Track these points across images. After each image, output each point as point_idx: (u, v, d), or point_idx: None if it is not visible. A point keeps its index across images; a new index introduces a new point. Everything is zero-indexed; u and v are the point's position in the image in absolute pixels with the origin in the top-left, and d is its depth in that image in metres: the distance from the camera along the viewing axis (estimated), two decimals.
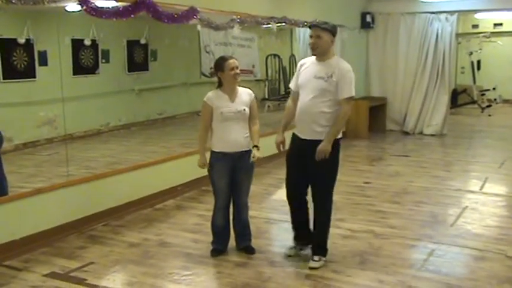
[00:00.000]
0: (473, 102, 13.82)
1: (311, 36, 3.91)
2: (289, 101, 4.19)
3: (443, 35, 9.94)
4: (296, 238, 4.26)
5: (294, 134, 4.08)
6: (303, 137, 3.96)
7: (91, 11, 4.76)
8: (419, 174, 7.09)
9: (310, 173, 3.98)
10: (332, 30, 3.92)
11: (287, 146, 4.18)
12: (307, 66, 4.01)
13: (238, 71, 4.12)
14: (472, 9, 10.45)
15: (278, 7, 7.62)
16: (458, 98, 13.93)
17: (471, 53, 14.08)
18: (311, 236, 4.17)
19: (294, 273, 3.99)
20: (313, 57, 4.02)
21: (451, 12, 9.88)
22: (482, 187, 6.40)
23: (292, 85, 4.17)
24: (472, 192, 6.23)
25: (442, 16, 9.93)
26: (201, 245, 4.47)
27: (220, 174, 4.18)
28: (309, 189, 4.12)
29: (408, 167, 7.54)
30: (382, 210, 5.45)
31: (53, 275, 3.93)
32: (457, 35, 11.33)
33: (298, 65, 4.14)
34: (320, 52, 3.91)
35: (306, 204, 4.18)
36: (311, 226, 4.18)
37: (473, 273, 3.93)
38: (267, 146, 4.49)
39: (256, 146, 4.15)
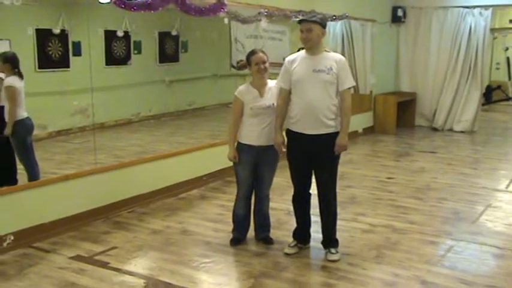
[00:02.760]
0: (508, 99, 13.54)
1: (301, 31, 3.89)
2: (280, 100, 4.08)
3: (476, 29, 9.75)
4: (300, 238, 4.26)
5: (293, 132, 4.01)
6: (310, 133, 3.90)
7: (120, 3, 4.90)
8: (445, 170, 7.04)
9: (319, 167, 4.01)
10: (322, 23, 3.92)
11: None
12: (299, 62, 3.97)
13: (264, 66, 4.14)
14: (508, 3, 10.23)
15: (306, 0, 7.63)
16: (492, 95, 13.67)
17: (507, 49, 13.79)
18: (309, 236, 4.28)
19: (310, 264, 4.07)
20: (302, 53, 4.01)
21: (486, 7, 9.69)
22: (508, 185, 6.32)
23: (282, 83, 4.05)
24: (498, 190, 6.16)
25: (476, 11, 9.75)
26: (222, 234, 4.58)
27: (243, 166, 4.28)
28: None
29: (434, 163, 7.49)
30: (403, 206, 5.45)
31: (78, 258, 4.11)
32: (493, 29, 11.11)
33: (286, 62, 4.05)
34: (312, 45, 3.91)
35: (310, 206, 4.23)
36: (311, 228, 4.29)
37: (490, 270, 3.93)
38: None
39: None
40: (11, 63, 4.93)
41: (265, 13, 6.68)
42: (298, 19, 4.15)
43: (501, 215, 5.19)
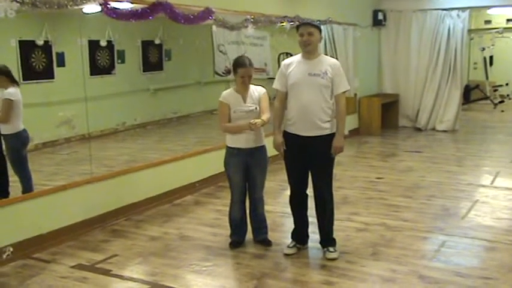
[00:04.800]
0: (486, 98, 13.86)
1: (302, 35, 4.00)
2: (277, 103, 4.17)
3: (455, 31, 10.00)
4: (298, 238, 4.35)
5: (289, 133, 4.11)
6: (305, 134, 4.01)
7: (111, 13, 4.94)
8: (432, 169, 7.21)
9: (314, 168, 4.12)
10: (320, 28, 4.09)
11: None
12: (295, 65, 4.08)
13: (248, 80, 4.25)
14: (484, 5, 10.50)
15: (291, 6, 7.76)
16: (471, 94, 13.97)
17: (484, 49, 14.11)
18: (307, 236, 4.37)
19: (309, 263, 4.16)
20: (298, 57, 4.12)
21: (463, 9, 9.94)
22: (493, 181, 6.50)
23: (278, 86, 4.15)
24: (483, 186, 6.34)
25: (454, 13, 10.00)
26: (220, 238, 4.64)
27: (234, 169, 4.36)
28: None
29: (420, 162, 7.66)
30: (394, 204, 5.59)
31: (80, 267, 4.13)
32: (470, 31, 11.40)
33: (282, 65, 4.17)
34: (312, 49, 4.03)
35: (307, 206, 4.32)
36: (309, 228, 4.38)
37: (483, 263, 4.07)
38: None
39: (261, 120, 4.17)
40: (5, 74, 4.94)
41: (252, 19, 6.78)
42: (298, 24, 4.26)
43: (489, 210, 5.35)
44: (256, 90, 4.35)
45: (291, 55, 10.82)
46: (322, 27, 8.41)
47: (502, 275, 3.80)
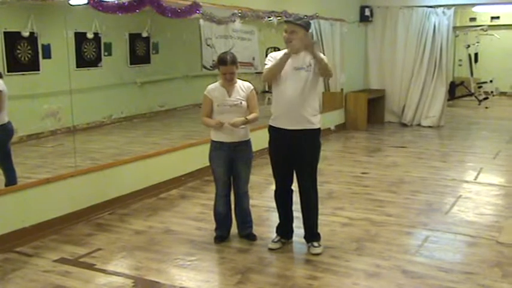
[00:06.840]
0: (471, 94, 14.00)
1: (286, 31, 4.01)
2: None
3: (440, 28, 10.07)
4: (283, 233, 4.37)
5: (274, 127, 4.13)
6: (290, 128, 4.03)
7: (97, 5, 4.90)
8: (416, 164, 7.27)
9: (300, 163, 4.13)
10: (306, 26, 4.05)
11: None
12: None
13: (230, 76, 4.25)
14: (469, 2, 10.59)
15: (278, 1, 7.75)
16: (455, 91, 14.10)
17: (468, 46, 14.24)
18: (292, 231, 4.38)
19: (294, 258, 4.18)
20: (285, 51, 4.09)
21: (448, 6, 10.01)
22: (476, 177, 6.57)
23: (269, 64, 4.09)
24: (467, 182, 6.41)
25: (439, 10, 10.06)
26: (205, 233, 4.64)
27: (218, 163, 4.37)
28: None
29: (405, 157, 7.72)
30: (379, 199, 5.62)
31: (62, 261, 4.10)
32: (455, 28, 11.49)
33: (269, 57, 4.15)
34: (292, 46, 4.00)
35: (292, 201, 4.34)
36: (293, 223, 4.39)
37: (465, 258, 4.12)
38: (267, 138, 4.61)
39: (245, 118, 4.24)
40: None
41: (239, 14, 6.76)
42: (283, 20, 4.25)
43: (472, 205, 5.41)
44: (243, 86, 4.34)
45: (279, 50, 10.83)
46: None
47: (484, 270, 3.85)
